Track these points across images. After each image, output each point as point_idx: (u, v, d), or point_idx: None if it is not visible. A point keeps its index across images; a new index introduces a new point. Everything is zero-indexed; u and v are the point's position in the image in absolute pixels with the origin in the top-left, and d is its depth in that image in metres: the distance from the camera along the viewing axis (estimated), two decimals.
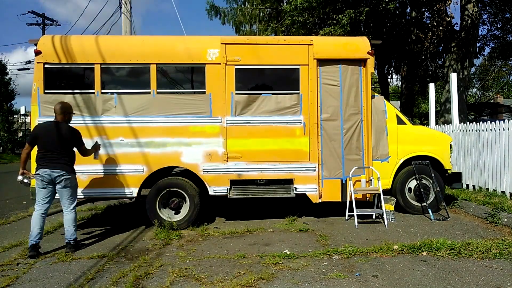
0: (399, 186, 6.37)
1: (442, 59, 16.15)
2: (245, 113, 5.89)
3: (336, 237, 5.18)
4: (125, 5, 10.21)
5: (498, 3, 15.35)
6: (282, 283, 3.66)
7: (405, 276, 3.78)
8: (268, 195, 5.84)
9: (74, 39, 5.82)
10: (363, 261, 4.19)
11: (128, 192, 5.74)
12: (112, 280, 3.82)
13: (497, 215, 5.78)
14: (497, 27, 16.71)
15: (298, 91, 5.97)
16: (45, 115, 5.63)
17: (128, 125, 5.73)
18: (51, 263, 4.41)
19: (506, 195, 6.93)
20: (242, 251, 4.62)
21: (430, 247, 4.48)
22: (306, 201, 6.11)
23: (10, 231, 6.12)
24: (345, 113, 6.09)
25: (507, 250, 4.37)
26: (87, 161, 5.63)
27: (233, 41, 6.01)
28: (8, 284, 3.82)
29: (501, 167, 7.11)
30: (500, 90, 38.46)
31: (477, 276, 3.73)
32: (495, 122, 7.36)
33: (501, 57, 19.93)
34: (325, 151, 6.05)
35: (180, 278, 3.84)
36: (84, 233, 5.79)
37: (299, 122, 5.95)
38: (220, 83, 5.84)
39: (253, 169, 5.88)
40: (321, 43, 6.12)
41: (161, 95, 5.76)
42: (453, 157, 8.08)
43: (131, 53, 5.80)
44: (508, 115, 23.25)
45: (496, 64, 34.39)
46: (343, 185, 6.02)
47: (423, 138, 6.54)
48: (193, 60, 5.86)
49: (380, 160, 6.21)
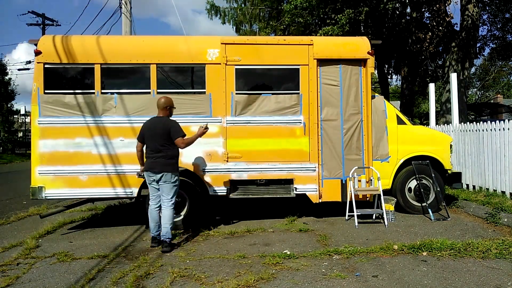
0: (399, 186, 6.37)
1: (442, 59, 16.16)
2: (245, 113, 5.89)
3: (336, 237, 5.18)
4: (125, 5, 10.21)
5: (498, 3, 15.35)
6: (282, 283, 3.66)
7: (405, 276, 3.78)
8: (268, 195, 5.85)
9: (74, 39, 5.82)
10: (363, 261, 4.19)
11: (128, 192, 5.74)
12: (112, 280, 3.82)
13: (497, 215, 5.78)
14: (497, 27, 16.72)
15: (298, 91, 5.97)
16: (45, 115, 5.64)
17: (128, 125, 5.74)
18: (51, 263, 4.41)
19: (506, 195, 6.93)
20: (242, 251, 4.62)
21: (430, 247, 4.48)
22: (306, 201, 6.12)
23: (10, 231, 6.12)
24: (345, 113, 6.09)
25: (507, 250, 4.37)
26: (87, 161, 5.65)
27: (233, 41, 6.01)
28: (8, 284, 3.82)
29: (501, 167, 7.11)
30: (500, 90, 38.45)
31: (477, 276, 3.73)
32: (495, 122, 7.35)
33: (501, 57, 19.93)
34: (325, 151, 6.05)
35: (180, 278, 3.84)
36: (84, 233, 5.80)
37: (299, 122, 5.95)
38: (220, 83, 5.84)
39: (253, 169, 5.88)
40: (321, 43, 6.13)
41: (161, 95, 5.76)
42: (453, 157, 8.08)
43: (131, 53, 5.80)
44: (508, 115, 23.24)
45: (496, 64, 34.40)
46: (343, 185, 6.02)
47: (423, 138, 6.54)
48: (193, 60, 5.87)
49: (380, 160, 6.21)
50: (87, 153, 5.68)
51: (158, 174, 4.78)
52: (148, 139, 4.89)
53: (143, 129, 4.99)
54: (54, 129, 5.65)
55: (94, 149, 5.69)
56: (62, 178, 5.64)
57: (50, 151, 5.63)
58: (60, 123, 5.66)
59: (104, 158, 5.68)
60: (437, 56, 16.75)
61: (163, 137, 4.81)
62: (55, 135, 5.64)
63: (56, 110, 5.66)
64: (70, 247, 5.06)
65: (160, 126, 4.85)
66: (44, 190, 5.60)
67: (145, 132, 4.94)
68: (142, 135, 4.97)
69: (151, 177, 4.85)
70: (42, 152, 5.62)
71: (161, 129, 4.82)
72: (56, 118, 5.66)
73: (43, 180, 5.61)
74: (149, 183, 4.91)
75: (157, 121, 4.94)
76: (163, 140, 4.81)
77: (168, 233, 4.79)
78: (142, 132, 4.99)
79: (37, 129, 5.64)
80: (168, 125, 4.85)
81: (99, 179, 5.69)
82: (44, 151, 5.62)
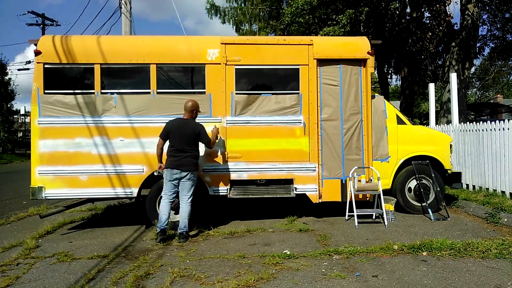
0: (399, 186, 6.37)
1: (442, 59, 16.16)
2: (245, 113, 5.89)
3: (336, 237, 5.18)
4: (125, 5, 10.20)
5: (498, 3, 15.36)
6: (282, 283, 3.66)
7: (405, 276, 3.78)
8: (268, 195, 5.85)
9: (74, 39, 5.82)
10: (363, 261, 4.19)
11: (128, 192, 5.74)
12: (112, 280, 3.82)
13: (497, 215, 5.79)
14: (497, 27, 16.73)
15: (298, 91, 5.97)
16: (45, 115, 5.64)
17: (128, 125, 5.74)
18: (51, 263, 4.41)
19: (506, 195, 6.93)
20: (242, 251, 4.62)
21: (430, 247, 4.48)
22: (306, 201, 6.12)
23: (10, 231, 6.11)
24: (345, 113, 6.09)
25: (507, 250, 4.37)
26: (87, 161, 5.65)
27: (233, 41, 6.01)
28: (8, 284, 3.82)
29: (501, 167, 7.11)
30: (500, 90, 38.45)
31: (477, 276, 3.73)
32: (495, 122, 7.35)
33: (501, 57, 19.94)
34: (325, 151, 6.05)
35: (180, 278, 3.84)
36: (84, 233, 5.80)
37: (299, 122, 5.95)
38: (220, 83, 5.84)
39: (253, 169, 5.88)
40: (321, 43, 6.13)
41: (161, 95, 5.77)
42: (453, 157, 8.08)
43: (131, 53, 5.80)
44: (508, 115, 23.25)
45: (496, 64, 34.41)
46: (343, 185, 6.03)
47: (423, 138, 6.54)
48: (193, 60, 5.87)
49: (380, 160, 6.21)
50: (87, 153, 5.68)
51: (185, 172, 5.10)
52: (175, 139, 5.13)
53: (168, 127, 5.19)
54: (54, 129, 5.65)
55: (94, 149, 5.69)
56: (62, 178, 5.64)
57: (50, 151, 5.63)
58: (60, 123, 5.66)
59: (104, 158, 5.69)
60: (437, 56, 16.75)
61: (192, 139, 5.16)
62: (55, 135, 5.64)
63: (56, 110, 5.66)
64: (70, 247, 5.06)
65: (190, 128, 5.17)
66: (44, 190, 5.60)
67: (171, 131, 5.17)
68: (167, 134, 5.18)
69: (175, 175, 5.10)
70: (42, 152, 5.62)
71: (191, 131, 5.15)
72: (56, 118, 5.66)
73: (43, 180, 5.61)
74: (170, 180, 5.13)
75: (186, 122, 5.21)
76: (191, 141, 5.16)
77: (186, 227, 5.18)
78: (167, 130, 5.19)
79: (37, 129, 5.64)
80: (197, 128, 5.20)
81: (99, 179, 5.69)
82: (44, 151, 5.62)
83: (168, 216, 5.18)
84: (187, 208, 5.17)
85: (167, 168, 5.13)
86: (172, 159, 5.10)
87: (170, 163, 5.11)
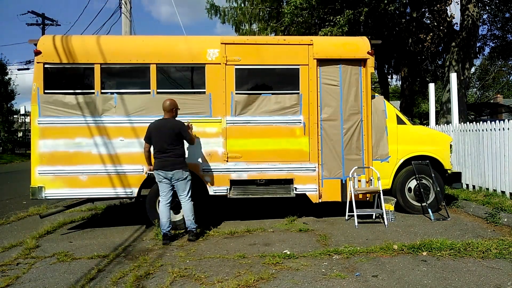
0: (399, 186, 6.37)
1: (442, 59, 16.16)
2: (245, 113, 5.89)
3: (336, 237, 5.18)
4: (125, 5, 10.20)
5: (498, 3, 15.36)
6: (282, 283, 3.66)
7: (405, 276, 3.78)
8: (268, 195, 5.84)
9: (74, 39, 5.81)
10: (363, 261, 4.19)
11: (128, 192, 5.74)
12: (112, 280, 3.82)
13: (497, 215, 5.79)
14: (497, 26, 16.74)
15: (298, 91, 5.97)
16: (45, 115, 5.64)
17: (128, 125, 5.74)
18: (51, 263, 4.41)
19: (506, 195, 6.93)
20: (242, 251, 4.62)
21: (430, 247, 4.48)
22: (306, 201, 6.12)
23: (10, 231, 6.12)
24: (345, 113, 6.09)
25: (507, 250, 4.37)
26: (87, 161, 5.65)
27: (233, 41, 6.01)
28: (8, 284, 3.82)
29: (501, 167, 7.11)
30: (500, 90, 38.45)
31: (477, 276, 3.73)
32: (495, 122, 7.35)
33: (501, 57, 19.94)
34: (325, 151, 6.05)
35: (180, 278, 3.84)
36: (84, 233, 5.80)
37: (299, 122, 5.95)
38: (220, 83, 5.84)
39: (253, 169, 5.88)
40: (321, 43, 6.12)
41: (161, 95, 5.76)
42: (453, 157, 8.08)
43: (131, 53, 5.80)
44: (508, 115, 23.27)
45: (496, 64, 34.41)
46: (343, 185, 6.03)
47: (423, 138, 6.54)
48: (193, 60, 5.87)
49: (380, 160, 6.21)
50: (87, 153, 5.68)
51: (170, 172, 5.06)
52: (156, 140, 5.10)
53: (150, 130, 5.17)
54: (54, 129, 5.65)
55: (94, 149, 5.69)
56: (62, 178, 5.64)
57: (50, 151, 5.63)
58: (60, 123, 5.66)
59: (104, 158, 5.69)
60: (437, 56, 16.74)
61: (171, 138, 5.07)
62: (55, 135, 5.64)
63: (56, 110, 5.66)
64: (70, 247, 5.06)
65: (168, 126, 5.10)
66: (44, 190, 5.61)
67: (152, 133, 5.13)
68: (149, 136, 5.15)
69: (161, 175, 5.08)
70: (42, 152, 5.62)
71: (170, 130, 5.08)
72: (56, 118, 5.66)
73: (43, 180, 5.61)
74: (160, 181, 5.13)
75: (164, 122, 5.16)
76: (171, 140, 5.07)
77: (192, 224, 5.19)
78: (149, 133, 5.17)
79: (37, 129, 5.64)
80: (177, 126, 5.13)
81: (99, 179, 5.69)
82: (44, 151, 5.62)
83: (168, 218, 5.16)
84: (188, 206, 5.17)
85: (155, 170, 5.12)
86: (156, 161, 5.10)
87: (155, 165, 5.11)
